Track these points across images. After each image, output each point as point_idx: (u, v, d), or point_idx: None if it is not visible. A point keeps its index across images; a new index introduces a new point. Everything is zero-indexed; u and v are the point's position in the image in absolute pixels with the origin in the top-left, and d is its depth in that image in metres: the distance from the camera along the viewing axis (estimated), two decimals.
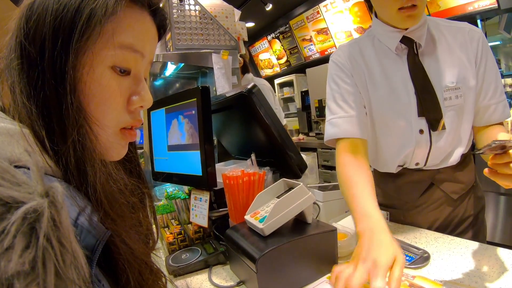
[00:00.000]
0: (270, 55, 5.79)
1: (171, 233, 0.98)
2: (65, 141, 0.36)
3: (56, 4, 0.36)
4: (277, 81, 5.68)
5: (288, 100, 5.65)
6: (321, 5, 4.24)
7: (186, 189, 1.13)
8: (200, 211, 0.95)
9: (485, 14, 2.87)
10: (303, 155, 1.05)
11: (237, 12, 2.03)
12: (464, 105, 0.91)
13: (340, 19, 4.13)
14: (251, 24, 5.28)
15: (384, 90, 0.94)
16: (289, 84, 5.51)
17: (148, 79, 1.87)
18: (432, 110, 0.90)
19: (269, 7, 4.44)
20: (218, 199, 0.97)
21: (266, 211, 0.76)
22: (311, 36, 4.67)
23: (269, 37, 5.53)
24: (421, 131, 0.92)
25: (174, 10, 1.69)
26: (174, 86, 2.19)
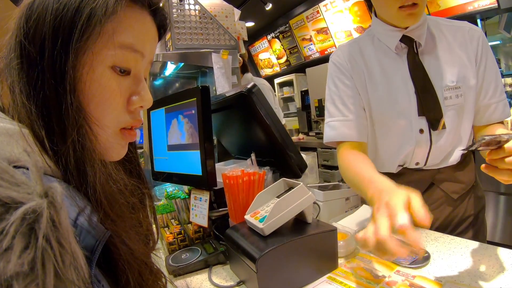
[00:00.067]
0: (270, 55, 5.79)
1: (171, 233, 0.98)
2: (65, 141, 0.36)
3: (56, 4, 0.36)
4: (277, 81, 5.68)
5: (288, 100, 5.65)
6: (321, 5, 4.24)
7: (186, 189, 1.12)
8: (200, 211, 0.94)
9: (485, 14, 2.87)
10: (303, 155, 1.05)
11: (237, 12, 2.03)
12: (464, 105, 0.91)
13: (340, 19, 4.13)
14: (251, 24, 5.28)
15: (384, 90, 0.94)
16: (289, 84, 5.51)
17: (148, 79, 1.86)
18: (432, 110, 0.90)
19: (269, 7, 4.44)
20: (218, 199, 0.96)
21: (266, 211, 0.76)
22: (311, 36, 4.67)
23: (269, 37, 5.53)
24: (421, 131, 0.92)
25: (174, 10, 1.69)
26: (174, 86, 2.19)
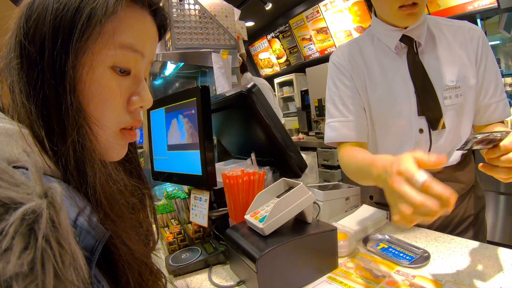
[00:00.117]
0: (270, 55, 5.79)
1: (171, 233, 0.98)
2: (65, 142, 0.36)
3: (56, 3, 0.36)
4: (277, 81, 5.68)
5: (288, 100, 5.65)
6: (321, 5, 4.24)
7: (186, 189, 1.12)
8: (200, 211, 0.94)
9: (485, 14, 2.87)
10: (303, 155, 1.05)
11: (237, 12, 2.03)
12: (464, 104, 0.91)
13: (340, 19, 4.13)
14: (251, 24, 5.27)
15: (384, 90, 0.94)
16: (289, 84, 5.51)
17: (148, 79, 1.86)
18: (432, 109, 0.90)
19: (269, 7, 4.44)
20: (218, 199, 0.96)
21: (266, 211, 0.76)
22: (311, 36, 4.67)
23: (269, 37, 5.53)
24: (421, 130, 0.92)
25: (174, 10, 1.69)
26: (174, 86, 2.19)
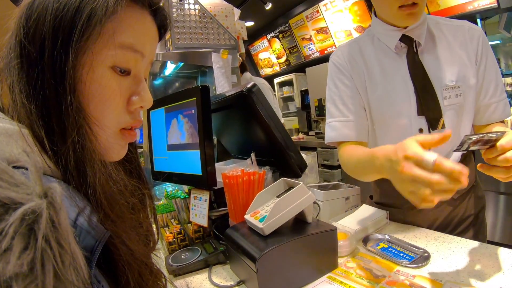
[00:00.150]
0: (270, 54, 5.79)
1: (171, 233, 0.98)
2: (65, 142, 0.36)
3: (56, 3, 0.36)
4: (277, 80, 5.68)
5: (288, 99, 5.65)
6: (321, 4, 4.24)
7: (186, 189, 1.12)
8: (200, 211, 0.94)
9: (485, 13, 2.87)
10: (303, 154, 1.05)
11: (237, 11, 2.03)
12: (464, 104, 0.91)
13: (340, 18, 4.13)
14: (251, 23, 5.27)
15: (384, 89, 0.94)
16: (289, 83, 5.51)
17: (148, 79, 1.86)
18: (432, 109, 0.90)
19: (269, 6, 4.44)
20: (218, 199, 0.96)
21: (266, 211, 0.76)
22: (311, 35, 4.67)
23: (269, 36, 5.52)
24: (421, 130, 0.92)
25: (174, 9, 1.69)
26: (174, 85, 2.19)
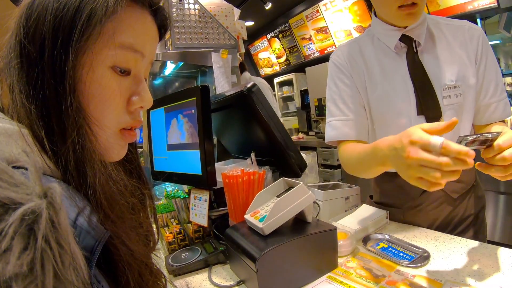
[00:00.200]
0: (270, 54, 5.78)
1: (171, 233, 0.98)
2: (65, 142, 0.36)
3: (56, 3, 0.36)
4: (277, 80, 5.67)
5: (288, 99, 5.65)
6: (321, 4, 4.24)
7: (186, 188, 1.12)
8: (200, 211, 0.94)
9: (485, 13, 2.87)
10: (303, 154, 1.05)
11: (237, 11, 2.02)
12: (464, 104, 0.91)
13: (340, 18, 4.13)
14: (251, 23, 5.27)
15: (384, 89, 0.94)
16: (289, 83, 5.51)
17: (148, 79, 1.86)
18: (432, 109, 0.90)
19: (269, 6, 4.43)
20: (218, 198, 0.96)
21: (266, 211, 0.76)
22: (311, 35, 4.67)
23: (269, 36, 5.52)
24: None
25: (174, 9, 1.68)
26: (174, 85, 2.19)
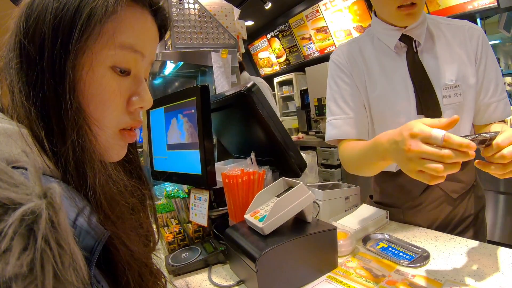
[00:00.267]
0: (270, 54, 5.78)
1: (171, 233, 0.98)
2: (64, 142, 0.36)
3: (56, 3, 0.36)
4: (277, 80, 5.67)
5: (288, 99, 5.65)
6: (321, 4, 4.24)
7: (186, 188, 1.12)
8: (200, 210, 0.94)
9: (485, 13, 2.87)
10: (303, 154, 1.05)
11: (236, 11, 2.02)
12: (464, 103, 0.91)
13: (340, 18, 4.13)
14: (251, 23, 5.27)
15: (384, 89, 0.94)
16: (289, 83, 5.51)
17: (148, 79, 1.86)
18: (431, 108, 0.90)
19: (269, 6, 4.43)
20: (218, 198, 0.96)
21: (266, 210, 0.76)
22: (311, 35, 4.67)
23: (269, 36, 5.52)
24: None
25: (174, 9, 1.68)
26: (174, 85, 2.18)
